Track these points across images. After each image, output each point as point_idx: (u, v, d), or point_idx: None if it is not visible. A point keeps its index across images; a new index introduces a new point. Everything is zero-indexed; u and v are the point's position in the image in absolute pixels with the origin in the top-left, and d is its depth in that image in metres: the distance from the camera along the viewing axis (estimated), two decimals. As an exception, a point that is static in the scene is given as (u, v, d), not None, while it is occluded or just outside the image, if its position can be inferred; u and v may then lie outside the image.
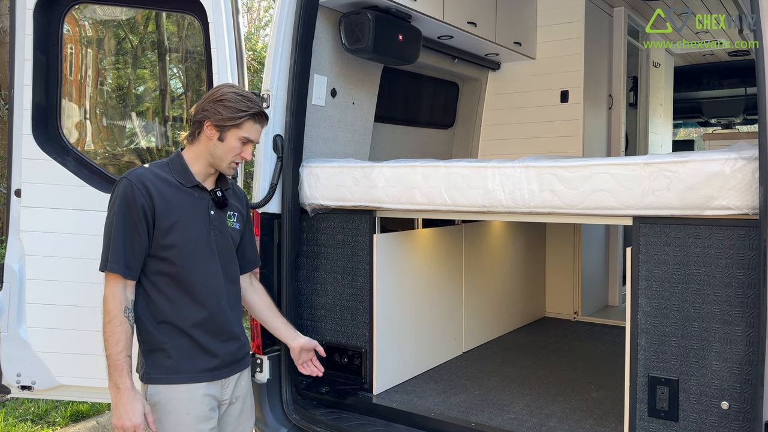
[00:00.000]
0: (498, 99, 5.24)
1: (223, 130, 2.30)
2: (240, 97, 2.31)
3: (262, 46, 11.03)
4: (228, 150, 2.32)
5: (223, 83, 2.42)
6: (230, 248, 2.44)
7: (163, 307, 2.27)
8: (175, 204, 2.27)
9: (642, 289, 2.36)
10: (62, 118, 3.20)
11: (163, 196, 2.25)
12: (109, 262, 2.20)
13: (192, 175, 2.34)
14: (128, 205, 2.21)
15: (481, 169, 2.71)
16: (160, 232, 2.24)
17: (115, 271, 2.19)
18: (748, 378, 2.16)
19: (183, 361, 2.27)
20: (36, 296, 3.11)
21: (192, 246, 2.29)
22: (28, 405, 4.86)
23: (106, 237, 2.25)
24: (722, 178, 2.15)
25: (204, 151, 2.34)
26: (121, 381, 2.15)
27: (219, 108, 2.28)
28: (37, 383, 3.13)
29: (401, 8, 3.64)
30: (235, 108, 2.28)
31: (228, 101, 2.28)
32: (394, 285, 3.29)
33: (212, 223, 2.36)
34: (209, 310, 2.31)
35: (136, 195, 2.21)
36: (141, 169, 2.31)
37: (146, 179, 2.25)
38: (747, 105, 7.65)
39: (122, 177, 2.28)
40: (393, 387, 3.29)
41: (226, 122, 2.28)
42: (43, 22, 3.07)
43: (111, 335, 2.18)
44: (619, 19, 5.26)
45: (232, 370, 2.40)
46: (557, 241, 5.06)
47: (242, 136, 2.32)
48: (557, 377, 3.51)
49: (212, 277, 2.33)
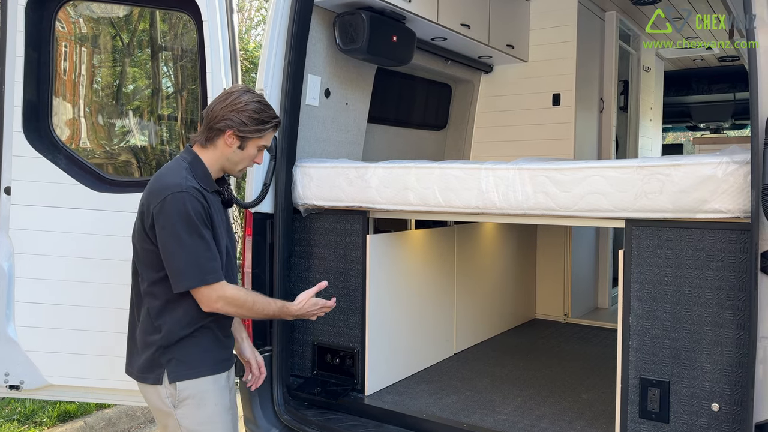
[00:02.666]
0: (490, 101, 5.26)
1: (244, 140, 2.32)
2: (263, 106, 2.33)
3: (254, 45, 11.00)
4: (246, 157, 2.37)
5: (240, 88, 2.38)
6: (234, 246, 2.51)
7: (189, 305, 2.26)
8: (216, 214, 2.32)
9: (634, 291, 2.38)
10: (53, 116, 3.17)
11: (212, 206, 2.30)
12: (210, 275, 2.19)
13: (212, 181, 2.36)
14: (198, 215, 2.20)
15: (475, 171, 2.72)
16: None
17: (219, 278, 2.22)
18: (738, 380, 2.18)
19: (206, 354, 2.29)
20: (25, 295, 3.08)
21: (221, 249, 2.34)
22: (14, 405, 4.81)
23: (188, 253, 2.17)
24: (714, 181, 2.17)
25: (220, 157, 2.34)
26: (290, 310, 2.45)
27: (243, 118, 2.28)
28: (25, 383, 3.10)
29: (395, 9, 3.65)
30: (260, 119, 2.31)
31: (252, 112, 2.29)
32: (387, 286, 3.29)
33: (226, 225, 2.43)
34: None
35: (201, 204, 2.22)
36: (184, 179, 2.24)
37: (194, 189, 2.24)
38: (736, 110, 7.73)
39: (173, 192, 2.19)
40: (385, 388, 3.29)
41: (251, 134, 2.31)
42: (35, 18, 3.05)
43: (263, 307, 2.35)
44: (611, 24, 5.30)
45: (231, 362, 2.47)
46: (548, 243, 5.08)
47: (261, 144, 2.37)
48: (548, 379, 3.53)
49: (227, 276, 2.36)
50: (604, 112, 5.34)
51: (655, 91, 6.67)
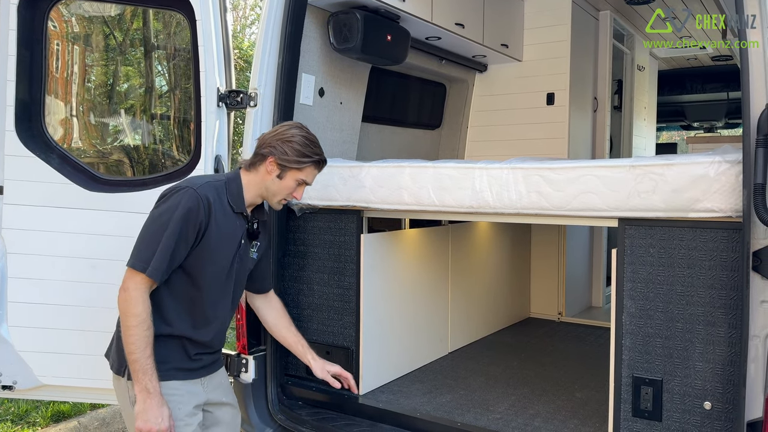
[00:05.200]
0: (485, 100, 5.27)
1: (284, 170, 2.39)
2: (308, 141, 2.41)
3: (249, 44, 10.98)
4: (283, 188, 2.43)
5: (293, 123, 2.50)
6: (244, 275, 2.54)
7: (169, 315, 2.31)
8: (221, 229, 2.32)
9: (627, 290, 2.39)
10: (46, 115, 3.16)
11: (217, 219, 2.30)
12: (151, 266, 2.18)
13: (243, 203, 2.40)
14: (189, 217, 2.22)
15: (469, 170, 2.72)
16: (199, 250, 2.29)
17: (153, 276, 2.19)
18: (730, 378, 2.18)
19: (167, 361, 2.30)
20: (18, 295, 3.06)
21: (218, 273, 2.36)
22: (7, 405, 4.79)
23: (153, 239, 2.21)
24: (707, 181, 2.18)
25: (260, 183, 2.42)
26: (151, 385, 2.16)
27: (286, 148, 2.36)
28: (18, 383, 3.09)
29: (390, 9, 3.65)
30: (301, 152, 2.38)
31: (296, 144, 2.37)
32: (381, 285, 3.30)
33: (239, 251, 2.43)
34: (210, 333, 2.40)
35: (200, 210, 2.23)
36: (206, 183, 2.32)
37: (211, 197, 2.28)
38: (729, 109, 7.76)
39: (187, 186, 2.27)
40: (379, 387, 3.29)
41: (290, 164, 2.38)
42: (27, 17, 3.03)
43: (140, 339, 2.16)
44: (605, 23, 5.31)
45: (209, 370, 2.49)
46: (542, 242, 5.09)
47: (300, 178, 2.43)
48: (542, 377, 3.53)
49: (222, 302, 2.42)
50: (598, 111, 5.35)
51: (649, 90, 6.69)
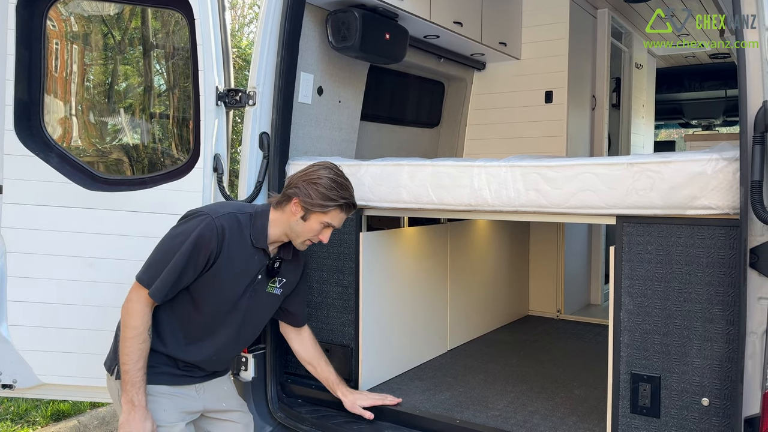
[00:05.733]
0: (483, 99, 5.27)
1: (308, 212, 2.35)
2: (334, 184, 2.35)
3: (247, 43, 10.97)
4: (308, 230, 2.38)
5: (324, 163, 2.45)
6: (258, 311, 2.51)
7: (163, 331, 2.33)
8: (235, 261, 2.31)
9: (625, 287, 2.39)
10: (45, 114, 3.16)
11: (231, 250, 2.29)
12: (155, 286, 2.22)
13: (265, 239, 2.38)
14: (201, 244, 2.23)
15: (468, 168, 2.73)
16: (207, 277, 2.29)
17: (154, 296, 2.22)
18: (728, 375, 2.19)
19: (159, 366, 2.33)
20: (17, 294, 3.07)
21: (224, 301, 2.35)
22: (7, 404, 4.80)
23: (164, 259, 2.24)
24: (704, 178, 2.19)
25: (285, 222, 2.40)
26: (137, 397, 2.18)
27: (311, 191, 2.32)
28: (18, 382, 3.09)
29: (388, 7, 3.65)
30: (326, 195, 2.33)
31: (321, 186, 2.32)
32: (380, 283, 3.30)
33: (254, 285, 2.42)
34: (202, 357, 2.40)
35: (212, 240, 2.24)
36: (227, 214, 2.33)
37: (227, 228, 2.27)
38: (727, 107, 7.77)
39: (207, 214, 2.29)
40: (378, 385, 3.30)
41: (314, 207, 2.33)
42: (26, 16, 3.03)
43: (134, 351, 2.19)
44: (603, 21, 5.31)
45: (205, 379, 2.50)
46: (541, 240, 5.10)
47: (325, 221, 2.38)
48: (541, 375, 3.54)
49: (223, 333, 2.41)
50: (596, 109, 5.36)
51: (648, 88, 6.70)
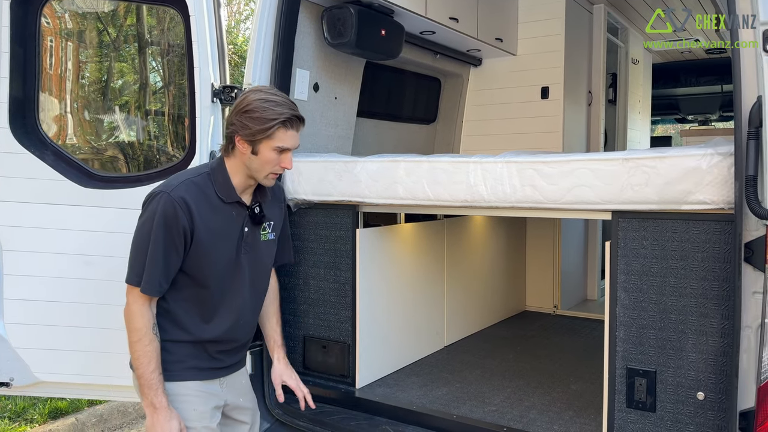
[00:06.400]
0: (479, 95, 5.27)
1: (254, 144, 2.17)
2: (267, 104, 2.15)
3: (243, 39, 10.95)
4: (264, 163, 2.20)
5: (252, 88, 2.24)
6: (262, 261, 2.40)
7: (179, 318, 2.24)
8: (212, 225, 2.20)
9: (620, 282, 2.40)
10: (40, 112, 3.15)
11: (203, 216, 2.17)
12: (143, 281, 2.12)
13: (234, 190, 2.24)
14: (169, 224, 2.11)
15: (463, 164, 2.73)
16: (194, 252, 2.18)
17: (147, 291, 2.13)
18: (723, 369, 2.20)
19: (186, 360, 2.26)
20: (14, 291, 3.06)
21: (222, 268, 2.24)
22: (5, 402, 4.79)
23: (140, 252, 2.15)
24: (699, 173, 2.19)
25: (241, 165, 2.23)
26: (157, 400, 2.11)
27: (246, 120, 2.14)
28: (15, 380, 3.09)
29: (384, 3, 3.64)
30: (262, 118, 2.13)
31: (254, 111, 2.13)
32: (377, 279, 3.31)
33: (245, 240, 2.30)
34: (225, 329, 2.29)
35: (178, 214, 2.11)
36: (182, 183, 2.18)
37: (188, 197, 2.14)
38: (723, 102, 7.78)
39: (161, 191, 2.15)
40: (375, 381, 3.31)
41: (256, 135, 2.14)
42: (20, 13, 3.02)
43: (142, 354, 2.12)
44: (599, 16, 5.31)
45: (229, 370, 2.42)
46: (537, 236, 5.11)
47: (276, 146, 2.18)
48: (537, 370, 3.55)
49: (236, 297, 2.30)
50: (592, 104, 5.36)
51: (644, 83, 6.70)
